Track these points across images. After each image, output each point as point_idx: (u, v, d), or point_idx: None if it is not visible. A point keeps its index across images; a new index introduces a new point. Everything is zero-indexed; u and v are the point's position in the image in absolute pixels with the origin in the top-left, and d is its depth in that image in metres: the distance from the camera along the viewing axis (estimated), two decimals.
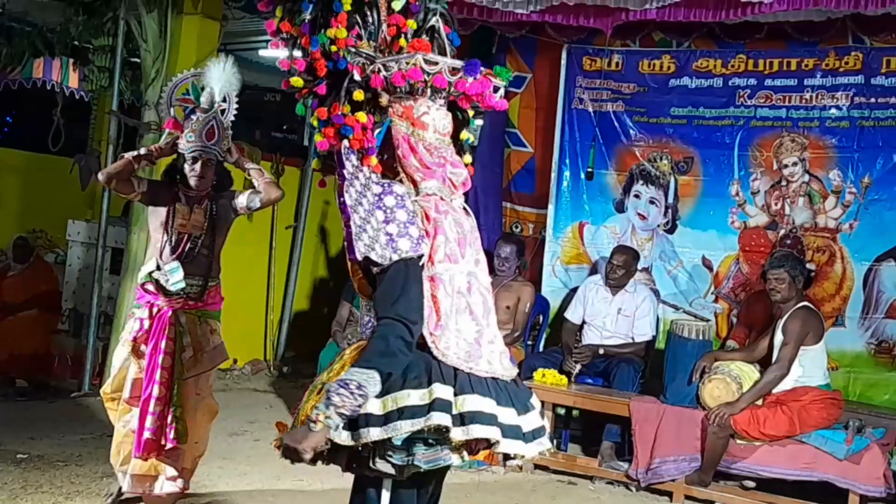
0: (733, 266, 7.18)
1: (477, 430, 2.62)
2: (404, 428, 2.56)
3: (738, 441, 5.74)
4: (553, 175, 7.72)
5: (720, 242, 7.26)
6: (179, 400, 4.60)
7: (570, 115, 7.73)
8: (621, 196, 7.62)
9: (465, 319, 2.72)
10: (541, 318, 7.47)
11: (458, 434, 2.61)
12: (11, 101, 12.26)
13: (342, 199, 2.74)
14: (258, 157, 8.55)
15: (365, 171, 2.73)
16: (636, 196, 7.57)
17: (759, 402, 5.77)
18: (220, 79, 4.74)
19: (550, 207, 7.74)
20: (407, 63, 2.71)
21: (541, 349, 7.36)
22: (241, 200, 4.80)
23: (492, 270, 7.11)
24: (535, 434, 2.81)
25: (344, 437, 2.61)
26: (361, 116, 2.75)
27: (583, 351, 6.74)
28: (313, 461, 2.64)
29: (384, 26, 2.87)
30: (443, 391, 2.59)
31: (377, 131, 2.79)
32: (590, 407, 6.37)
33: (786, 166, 7.07)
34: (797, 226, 7.00)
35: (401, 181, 2.78)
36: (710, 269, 7.26)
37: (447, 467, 2.73)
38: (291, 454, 2.55)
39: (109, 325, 7.72)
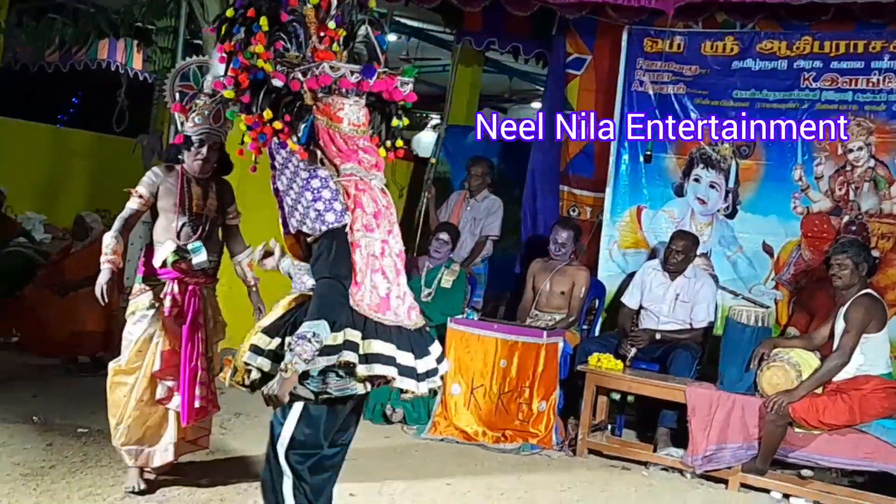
0: (794, 252, 7.05)
1: (377, 369, 3.20)
2: (320, 362, 3.10)
3: (797, 429, 5.65)
4: (611, 158, 7.64)
5: (781, 228, 7.13)
6: (215, 366, 4.96)
7: (629, 98, 7.65)
8: (681, 180, 7.53)
9: (379, 278, 3.26)
10: (596, 302, 7.43)
11: (362, 370, 3.18)
12: (77, 83, 12.50)
13: (275, 185, 3.30)
14: None
15: (293, 161, 3.27)
16: (696, 180, 7.47)
17: (819, 391, 5.67)
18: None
19: (608, 191, 7.68)
20: (317, 70, 3.26)
21: (596, 334, 7.32)
22: (234, 219, 5.09)
23: (549, 255, 7.20)
24: (429, 374, 3.36)
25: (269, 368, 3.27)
26: (277, 124, 3.26)
27: (639, 335, 6.70)
28: (252, 390, 3.30)
29: (314, 38, 3.38)
30: (352, 335, 3.16)
31: (303, 126, 3.30)
32: (645, 392, 6.33)
33: (851, 151, 6.93)
34: (862, 212, 6.85)
35: (324, 166, 3.30)
36: (771, 254, 7.14)
37: (361, 396, 3.32)
38: (273, 401, 3.12)
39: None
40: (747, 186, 7.29)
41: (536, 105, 12.83)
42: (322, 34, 3.40)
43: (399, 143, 3.57)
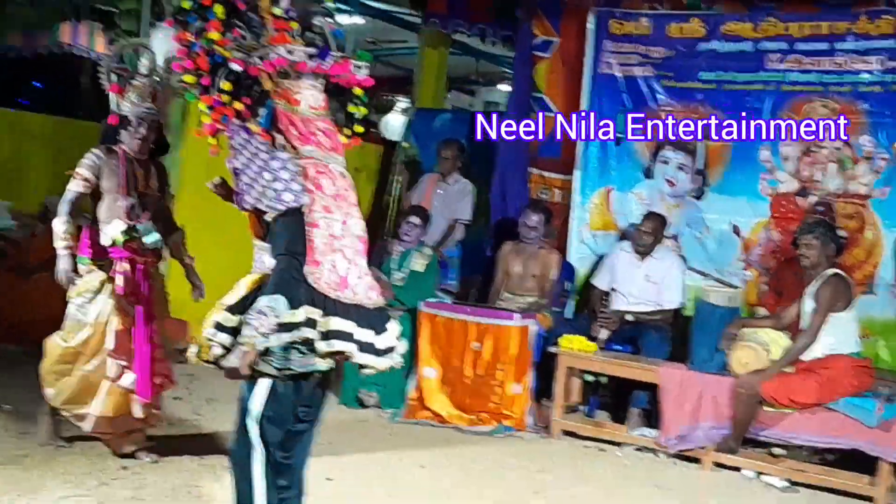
0: (763, 233, 7.10)
1: (337, 345, 3.29)
2: (281, 339, 3.18)
3: (767, 408, 5.72)
4: (580, 141, 7.66)
5: (750, 209, 7.18)
6: (165, 339, 5.24)
7: (597, 80, 7.67)
8: (649, 162, 7.56)
9: (338, 258, 3.33)
10: (567, 284, 7.46)
11: (322, 346, 3.28)
12: (38, 67, 12.30)
13: (232, 164, 3.39)
14: None
15: (253, 142, 3.37)
16: (664, 162, 7.51)
17: (789, 370, 5.75)
18: (163, 44, 4.92)
19: (577, 173, 7.70)
20: (273, 54, 3.34)
21: (569, 316, 7.36)
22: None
23: (519, 238, 7.21)
24: (388, 351, 3.43)
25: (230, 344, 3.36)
26: (237, 105, 3.36)
27: (610, 317, 6.75)
28: (216, 364, 3.37)
29: (270, 27, 3.43)
30: (312, 312, 3.24)
31: (263, 110, 3.41)
32: (617, 373, 6.38)
33: None
34: (828, 192, 6.93)
35: (284, 148, 3.38)
36: (740, 235, 7.20)
37: (325, 372, 3.41)
38: (233, 373, 3.23)
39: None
40: (715, 168, 7.33)
41: (504, 87, 12.82)
42: (277, 27, 3.47)
43: (358, 128, 3.67)
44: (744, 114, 7.14)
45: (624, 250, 7.04)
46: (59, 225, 4.88)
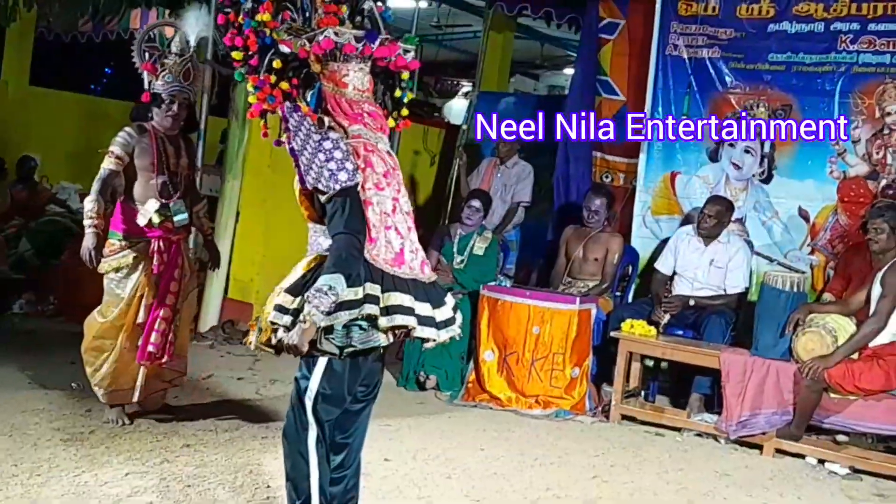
0: (831, 217, 6.96)
1: (398, 319, 3.30)
2: (343, 317, 3.21)
3: (832, 395, 5.62)
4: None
5: (818, 192, 7.04)
6: (180, 319, 5.33)
7: (663, 62, 7.57)
8: (715, 145, 7.45)
9: (392, 234, 3.39)
10: (630, 268, 7.41)
11: (383, 322, 3.29)
12: (110, 52, 12.54)
13: (291, 145, 3.38)
14: None
15: (305, 124, 3.38)
16: (731, 145, 7.39)
17: (855, 356, 5.63)
18: (196, 26, 5.18)
19: (641, 157, 7.62)
20: (321, 36, 3.37)
21: (629, 300, 7.30)
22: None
23: (581, 222, 7.17)
24: (447, 323, 3.47)
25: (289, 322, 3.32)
26: (284, 85, 3.41)
27: (672, 301, 6.67)
28: (278, 351, 3.36)
29: (319, 10, 3.49)
30: (372, 289, 3.28)
31: (311, 92, 3.47)
32: (679, 358, 6.31)
33: (889, 114, 6.81)
34: None
35: (333, 129, 3.41)
36: (807, 219, 7.06)
37: (381, 349, 3.42)
38: (292, 349, 3.21)
39: (204, 271, 7.91)
40: (783, 151, 7.20)
41: (569, 71, 12.74)
42: (326, 10, 3.51)
43: (405, 112, 3.69)
44: (813, 96, 7.02)
45: (688, 234, 6.95)
46: (89, 203, 5.02)
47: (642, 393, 6.70)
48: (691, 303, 6.69)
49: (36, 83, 12.43)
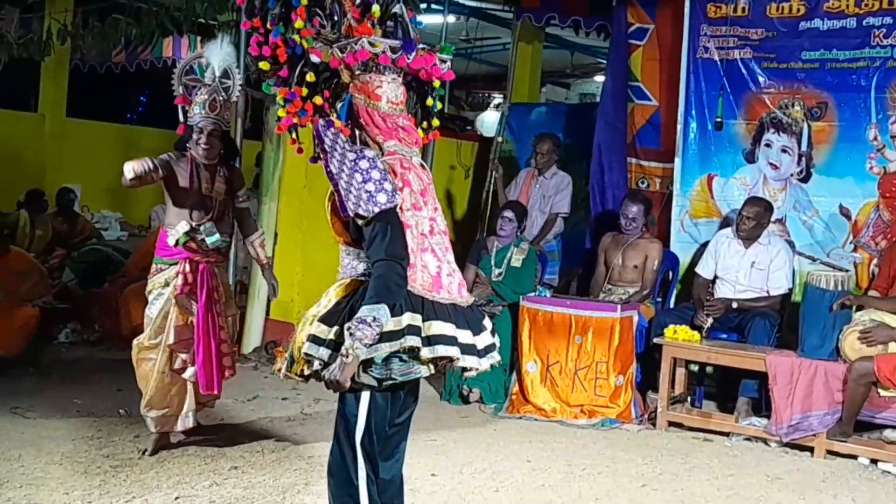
0: (873, 213, 6.86)
1: (441, 350, 3.15)
2: (384, 349, 3.05)
3: (882, 391, 5.54)
4: (679, 127, 7.53)
5: (858, 189, 6.95)
6: (231, 336, 5.44)
7: (695, 65, 7.52)
8: (751, 146, 7.38)
9: (429, 257, 3.23)
10: (670, 274, 7.36)
11: (426, 353, 3.13)
12: (144, 81, 12.71)
13: (328, 168, 3.16)
14: None
15: (339, 142, 3.19)
16: (767, 145, 7.32)
17: None
18: (218, 56, 5.22)
19: (677, 161, 7.57)
20: (355, 45, 3.20)
21: (671, 306, 7.25)
22: (244, 202, 5.50)
23: (619, 229, 7.14)
24: (488, 350, 3.33)
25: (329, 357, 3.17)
26: (317, 99, 3.24)
27: (715, 304, 6.61)
28: (306, 378, 3.29)
29: (349, 15, 3.32)
30: (413, 318, 3.11)
31: (340, 104, 3.31)
32: (724, 362, 6.26)
33: None
34: None
35: (366, 145, 3.26)
36: (848, 217, 6.97)
37: (418, 379, 3.27)
38: (334, 385, 3.06)
39: (245, 294, 7.98)
40: (821, 149, 7.12)
41: (599, 79, 12.71)
42: (356, 16, 3.35)
43: (435, 122, 3.53)
44: (849, 92, 6.95)
45: (728, 237, 6.89)
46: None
47: (688, 399, 6.64)
48: (734, 306, 6.63)
49: (72, 115, 12.62)
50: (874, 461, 5.62)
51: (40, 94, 12.53)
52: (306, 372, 3.25)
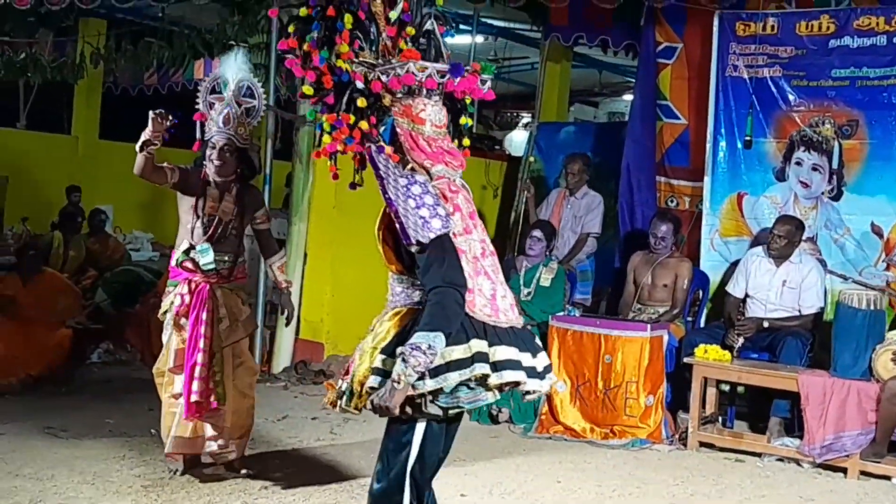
0: None
1: (508, 375, 3.09)
2: (453, 378, 3.01)
3: None
4: (708, 146, 7.51)
5: (890, 207, 6.91)
6: (220, 366, 5.02)
7: (724, 84, 7.50)
8: (782, 164, 7.35)
9: (483, 280, 3.17)
10: (700, 293, 7.32)
11: (494, 379, 3.07)
12: (175, 104, 12.82)
13: (387, 194, 3.10)
14: None
15: (391, 168, 3.14)
16: (798, 163, 7.29)
17: None
18: (232, 68, 5.11)
19: (707, 179, 7.54)
20: (401, 70, 3.15)
21: (701, 325, 7.21)
22: (263, 223, 5.30)
23: (649, 248, 7.12)
24: (546, 371, 3.26)
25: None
26: (363, 125, 3.15)
27: (745, 324, 6.57)
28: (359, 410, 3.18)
29: (384, 35, 3.29)
30: (479, 345, 3.05)
31: (382, 128, 3.22)
32: (756, 382, 6.21)
33: None
34: None
35: (415, 170, 3.19)
36: (881, 235, 6.92)
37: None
38: (383, 411, 3.00)
39: (275, 314, 8.01)
40: (852, 167, 7.09)
41: (628, 97, 12.71)
42: (393, 34, 3.31)
43: (466, 142, 3.46)
44: (880, 110, 6.91)
45: (758, 256, 6.85)
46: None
47: (720, 419, 6.59)
48: (765, 325, 6.58)
49: (105, 137, 12.76)
50: None
51: (73, 116, 12.69)
52: (369, 407, 3.10)
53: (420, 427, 3.13)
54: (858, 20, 7.04)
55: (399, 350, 2.97)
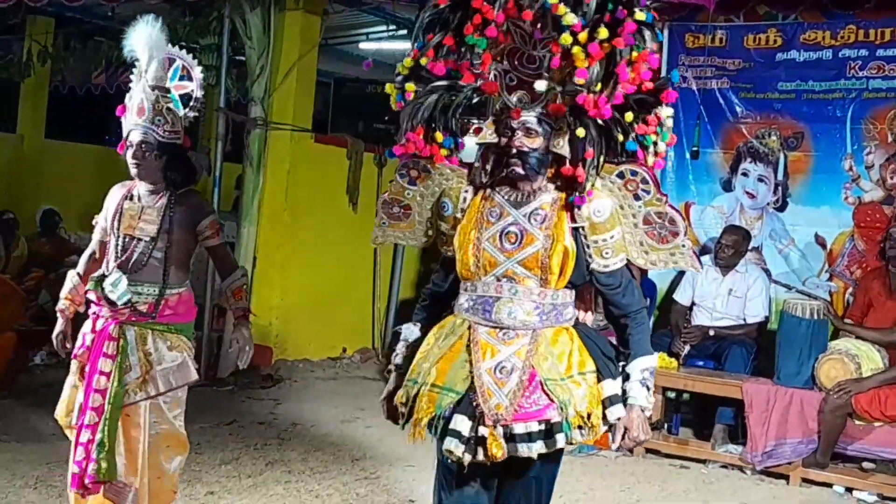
0: (848, 243, 6.94)
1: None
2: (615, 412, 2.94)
3: (857, 422, 5.59)
4: None
5: (834, 219, 7.04)
6: (108, 428, 3.77)
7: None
8: (728, 175, 7.45)
9: None
10: (647, 301, 7.38)
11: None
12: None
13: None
14: (361, 149, 8.65)
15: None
16: (744, 174, 7.40)
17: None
18: (143, 42, 3.91)
19: None
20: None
21: None
22: (210, 239, 4.02)
23: None
24: None
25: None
26: (438, 136, 3.01)
27: (692, 331, 6.65)
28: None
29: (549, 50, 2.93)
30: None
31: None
32: (701, 389, 6.29)
33: None
34: None
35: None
36: (824, 246, 7.05)
37: None
38: (639, 443, 3.01)
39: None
40: (797, 178, 7.21)
41: None
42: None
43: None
44: (825, 123, 7.04)
45: (705, 265, 6.94)
46: (67, 281, 4.07)
47: (665, 425, 6.66)
48: (711, 333, 6.67)
49: (51, 136, 12.57)
50: (849, 489, 5.65)
51: (19, 114, 12.48)
52: (617, 443, 3.02)
53: (558, 457, 3.10)
54: (805, 34, 7.16)
55: (641, 377, 2.95)
